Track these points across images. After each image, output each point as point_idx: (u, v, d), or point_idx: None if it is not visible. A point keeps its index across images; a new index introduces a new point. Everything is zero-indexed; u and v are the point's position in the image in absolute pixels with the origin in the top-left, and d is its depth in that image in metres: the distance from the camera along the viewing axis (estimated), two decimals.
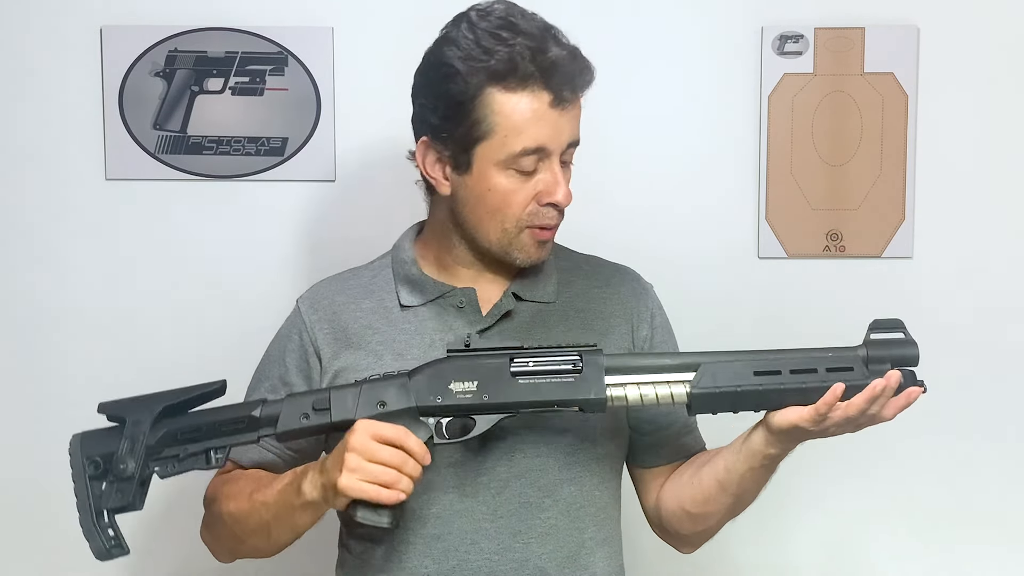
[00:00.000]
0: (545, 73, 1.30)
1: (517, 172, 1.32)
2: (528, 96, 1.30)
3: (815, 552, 1.98)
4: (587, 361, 1.26)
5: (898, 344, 1.26)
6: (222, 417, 1.29)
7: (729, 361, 1.26)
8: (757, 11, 1.92)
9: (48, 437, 1.92)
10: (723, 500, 1.37)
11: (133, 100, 1.90)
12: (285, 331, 1.47)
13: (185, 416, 1.30)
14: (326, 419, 1.28)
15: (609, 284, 1.48)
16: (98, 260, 1.93)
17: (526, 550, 1.35)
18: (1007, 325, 1.96)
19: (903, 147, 1.93)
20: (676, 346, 1.51)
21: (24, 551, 1.93)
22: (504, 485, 1.34)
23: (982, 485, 1.97)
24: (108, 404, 1.31)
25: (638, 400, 1.26)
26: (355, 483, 1.21)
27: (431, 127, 1.35)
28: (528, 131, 1.30)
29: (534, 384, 1.26)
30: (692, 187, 1.95)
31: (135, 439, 1.26)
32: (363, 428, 1.23)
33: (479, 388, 1.26)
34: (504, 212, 1.34)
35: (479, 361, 1.27)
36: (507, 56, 1.29)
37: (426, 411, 1.26)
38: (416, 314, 1.41)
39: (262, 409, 1.30)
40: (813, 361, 1.25)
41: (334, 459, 1.24)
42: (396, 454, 1.23)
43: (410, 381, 1.27)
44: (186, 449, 1.28)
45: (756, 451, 1.30)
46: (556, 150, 1.34)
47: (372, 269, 1.48)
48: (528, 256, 1.37)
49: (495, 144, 1.31)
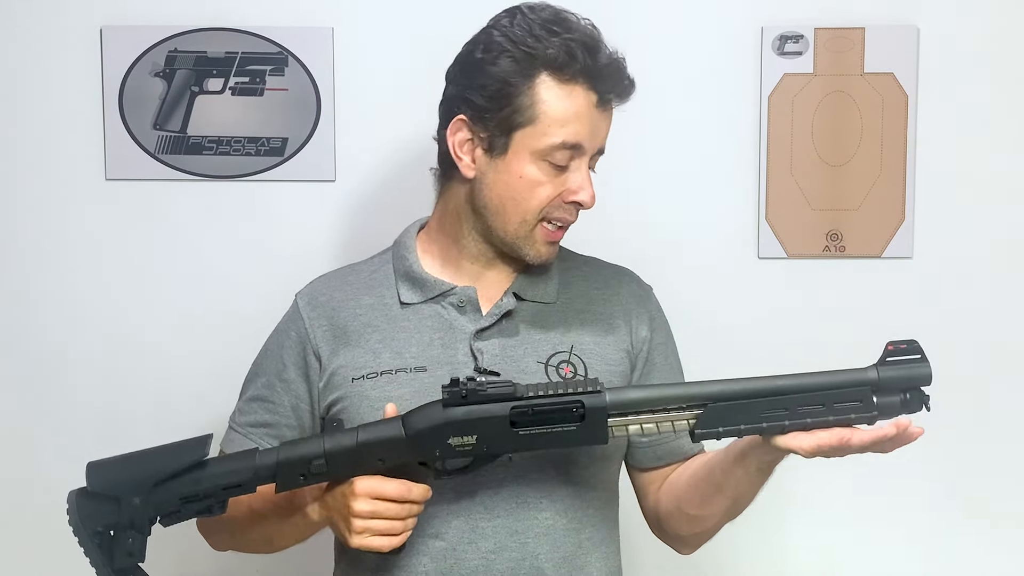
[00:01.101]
0: (598, 73, 1.33)
1: (550, 165, 1.34)
2: (578, 91, 1.32)
3: (812, 553, 1.98)
4: (589, 406, 1.23)
5: (909, 365, 1.25)
6: (221, 482, 1.26)
7: (735, 402, 1.24)
8: (757, 11, 1.92)
9: (48, 437, 1.93)
10: (720, 502, 1.38)
11: (133, 100, 1.90)
12: (283, 326, 1.47)
13: (181, 482, 1.26)
14: (324, 479, 1.27)
15: (608, 286, 1.48)
16: (98, 260, 1.93)
17: (523, 550, 1.35)
18: (1007, 325, 1.96)
19: (903, 147, 1.93)
20: (675, 346, 1.51)
21: (23, 553, 1.93)
22: (501, 484, 1.34)
23: (983, 486, 1.97)
24: (96, 480, 1.26)
25: (639, 433, 1.26)
26: (366, 541, 1.25)
27: (471, 107, 1.35)
28: (571, 125, 1.32)
29: (535, 434, 1.24)
30: (692, 187, 1.94)
31: (134, 517, 1.25)
32: (363, 490, 1.24)
33: (479, 441, 1.24)
34: (529, 202, 1.35)
35: (478, 414, 1.24)
36: (564, 47, 1.31)
37: (425, 462, 1.26)
38: (416, 312, 1.41)
39: (257, 459, 1.27)
40: (821, 397, 1.23)
41: (339, 514, 1.27)
42: (400, 509, 1.25)
43: (407, 439, 1.25)
44: (187, 507, 1.27)
45: (752, 456, 1.30)
46: (590, 151, 1.36)
47: (372, 265, 1.48)
48: (538, 254, 1.38)
49: (536, 132, 1.32)
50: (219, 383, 1.54)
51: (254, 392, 1.46)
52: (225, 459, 1.30)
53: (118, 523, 1.24)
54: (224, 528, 1.41)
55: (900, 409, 1.24)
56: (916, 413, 1.25)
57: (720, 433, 1.25)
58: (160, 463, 1.26)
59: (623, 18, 1.92)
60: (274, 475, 1.26)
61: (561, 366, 1.39)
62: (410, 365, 1.37)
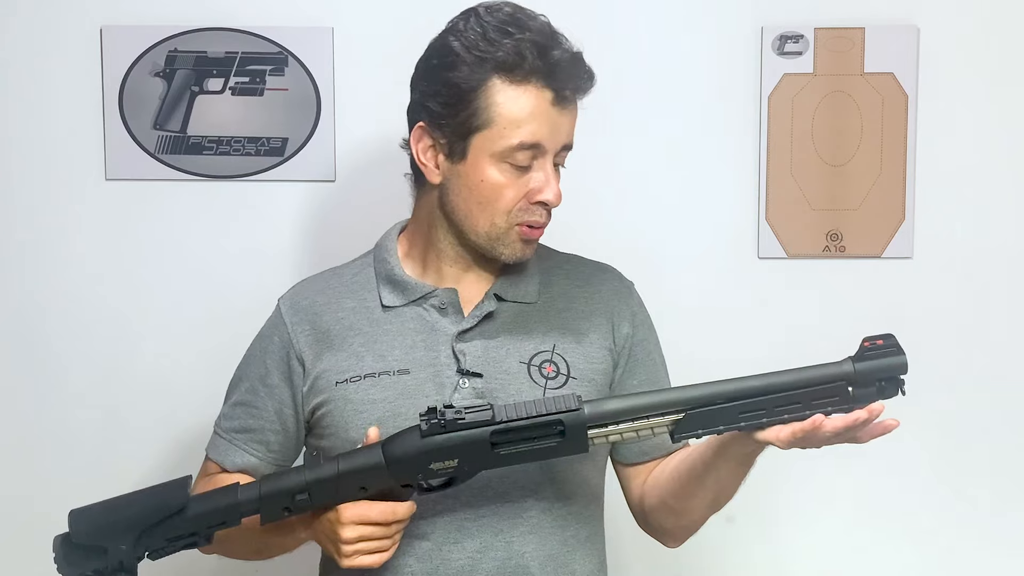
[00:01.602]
0: (549, 70, 1.32)
1: (511, 166, 1.33)
2: (531, 91, 1.31)
3: (808, 553, 1.98)
4: (569, 424, 1.24)
5: (884, 354, 1.25)
6: (205, 523, 1.27)
7: (714, 406, 1.25)
8: (757, 11, 1.92)
9: (47, 436, 1.93)
10: (703, 495, 1.38)
11: (133, 100, 1.90)
12: (267, 331, 1.47)
13: (166, 526, 1.26)
14: (309, 510, 1.28)
15: (590, 283, 1.48)
16: (98, 260, 1.93)
17: (509, 548, 1.35)
18: (1007, 325, 1.96)
19: (903, 147, 1.93)
20: (658, 342, 1.51)
21: (21, 556, 1.93)
22: (486, 484, 1.34)
23: (983, 486, 1.97)
24: (81, 530, 1.26)
25: (619, 440, 1.28)
26: (356, 561, 1.27)
27: (429, 113, 1.35)
28: (527, 126, 1.31)
29: (515, 452, 1.25)
30: (692, 187, 1.94)
31: (123, 560, 1.25)
32: (350, 518, 1.26)
33: (460, 464, 1.26)
34: (495, 205, 1.34)
35: (457, 440, 1.25)
36: (514, 49, 1.31)
37: (408, 484, 1.27)
38: (398, 315, 1.41)
39: (240, 495, 1.27)
40: (799, 395, 1.25)
41: (328, 538, 1.28)
42: (387, 529, 1.27)
43: (387, 467, 1.25)
44: (174, 544, 1.27)
45: (731, 449, 1.31)
46: (552, 149, 1.34)
47: (354, 268, 1.48)
48: (514, 253, 1.37)
49: (493, 135, 1.32)
50: (218, 383, 1.53)
51: (238, 397, 1.47)
52: (208, 497, 1.30)
53: (106, 567, 1.25)
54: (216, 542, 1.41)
55: (875, 396, 1.25)
56: (892, 398, 1.25)
57: (700, 434, 1.27)
58: (143, 511, 1.27)
59: (623, 18, 1.93)
60: (257, 509, 1.27)
61: (544, 366, 1.39)
62: (393, 368, 1.37)
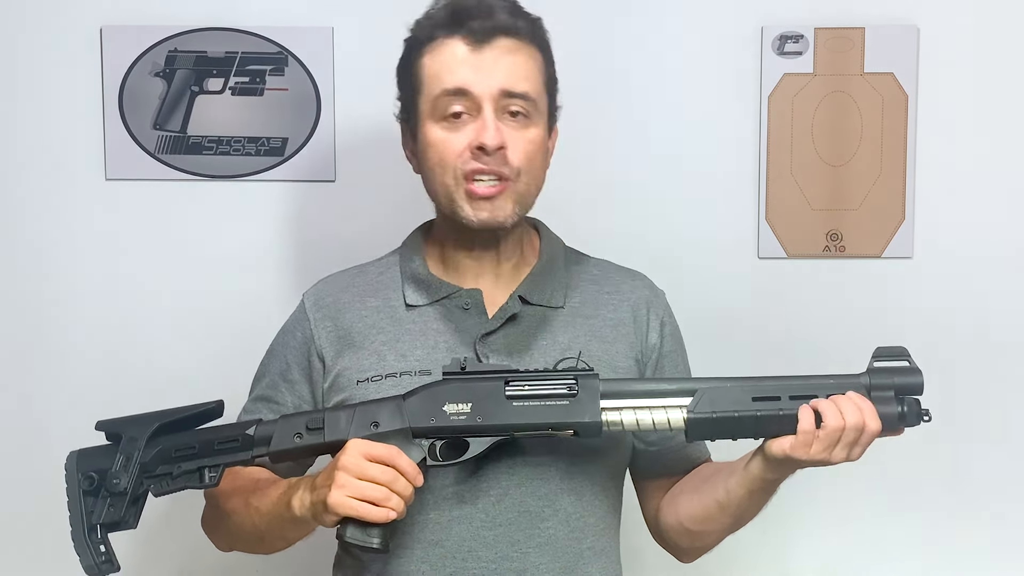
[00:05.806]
0: (454, 20, 1.35)
1: (448, 120, 1.34)
2: (444, 44, 1.35)
3: (813, 554, 1.98)
4: (583, 385, 1.26)
5: (902, 372, 1.25)
6: (216, 436, 1.29)
7: (727, 387, 1.26)
8: (757, 11, 1.92)
9: (47, 437, 1.93)
10: (722, 520, 1.38)
11: (133, 100, 1.90)
12: (290, 326, 1.47)
13: (180, 434, 1.30)
14: (319, 439, 1.28)
15: (619, 291, 1.47)
16: (98, 260, 1.93)
17: (524, 560, 1.34)
18: (1007, 325, 1.96)
19: (903, 147, 1.92)
20: (685, 355, 1.50)
21: (20, 557, 1.93)
22: (504, 493, 1.34)
23: (982, 486, 1.96)
24: (106, 422, 1.31)
25: (634, 424, 1.26)
26: (344, 500, 1.21)
27: (400, 108, 1.42)
28: (446, 74, 1.34)
29: (528, 407, 1.26)
30: (692, 187, 1.94)
31: (130, 455, 1.27)
32: (354, 447, 1.23)
33: (473, 410, 1.26)
34: (444, 163, 1.35)
35: (474, 383, 1.27)
36: (428, 21, 1.37)
37: (420, 432, 1.26)
38: (421, 314, 1.41)
39: (256, 429, 1.30)
40: (813, 388, 1.24)
41: (324, 477, 1.24)
42: (386, 471, 1.22)
43: (404, 403, 1.27)
44: (180, 467, 1.28)
45: (755, 476, 1.30)
46: (484, 93, 1.33)
47: (380, 266, 1.48)
48: (467, 214, 1.35)
49: (424, 98, 1.36)
50: (219, 382, 1.53)
51: (259, 392, 1.46)
52: (228, 424, 1.33)
53: (113, 468, 1.26)
54: (221, 518, 1.41)
55: (897, 422, 1.24)
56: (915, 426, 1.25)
57: (714, 419, 1.25)
58: (168, 413, 1.31)
59: (623, 18, 1.93)
60: (270, 438, 1.28)
61: None
62: (415, 368, 1.37)
